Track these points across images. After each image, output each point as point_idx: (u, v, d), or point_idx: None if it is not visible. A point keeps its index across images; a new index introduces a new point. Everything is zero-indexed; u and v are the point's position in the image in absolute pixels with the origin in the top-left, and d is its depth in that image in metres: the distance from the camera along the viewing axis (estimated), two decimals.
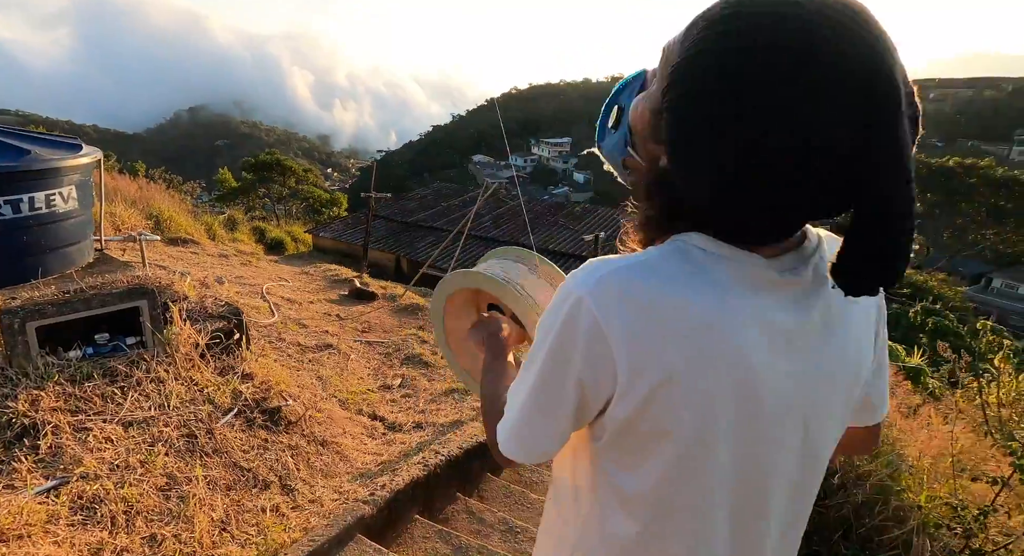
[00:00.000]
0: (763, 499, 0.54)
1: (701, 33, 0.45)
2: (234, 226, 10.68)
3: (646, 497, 0.53)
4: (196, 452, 1.96)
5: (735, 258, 0.50)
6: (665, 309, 0.48)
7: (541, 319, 0.55)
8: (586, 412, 0.53)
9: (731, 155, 0.44)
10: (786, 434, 0.52)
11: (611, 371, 0.49)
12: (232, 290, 5.12)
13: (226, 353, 2.40)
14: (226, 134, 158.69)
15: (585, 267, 0.53)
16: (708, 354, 0.48)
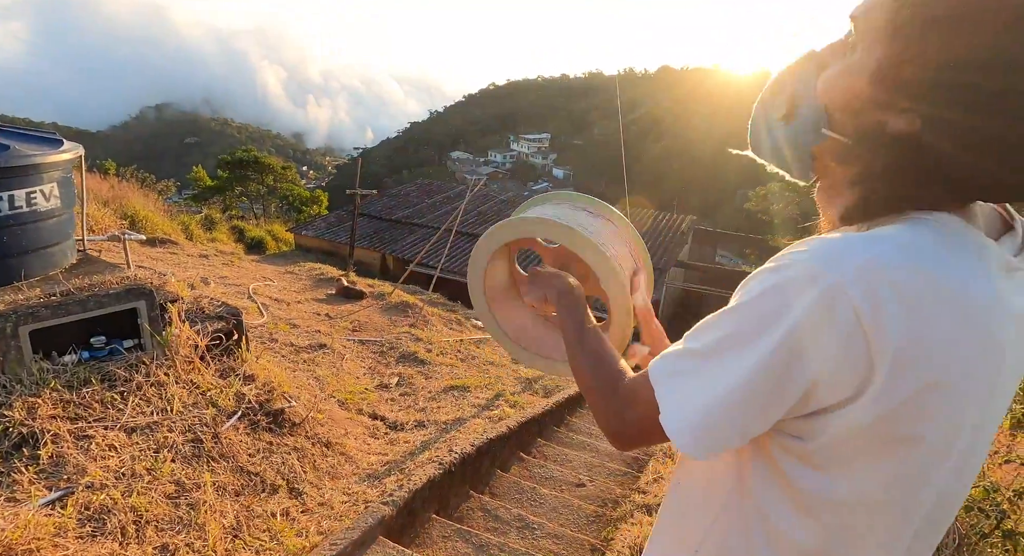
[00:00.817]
0: (957, 498, 0.52)
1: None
2: (212, 225, 10.40)
3: (846, 503, 0.48)
4: (203, 457, 1.89)
5: (985, 241, 0.45)
6: (944, 302, 0.41)
7: (744, 301, 0.46)
8: (800, 411, 0.46)
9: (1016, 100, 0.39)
10: (993, 429, 0.50)
11: (863, 372, 0.42)
12: (218, 290, 4.98)
13: (226, 355, 2.33)
14: (195, 132, 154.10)
15: (831, 243, 0.44)
16: (981, 352, 0.43)
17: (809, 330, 0.42)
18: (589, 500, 2.36)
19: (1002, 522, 1.15)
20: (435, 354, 4.60)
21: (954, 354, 0.42)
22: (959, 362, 0.42)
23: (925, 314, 0.41)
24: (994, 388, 0.45)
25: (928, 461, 0.45)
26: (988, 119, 0.40)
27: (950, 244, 0.44)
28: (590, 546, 1.92)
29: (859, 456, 0.46)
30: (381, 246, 12.41)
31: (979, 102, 0.40)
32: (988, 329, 0.42)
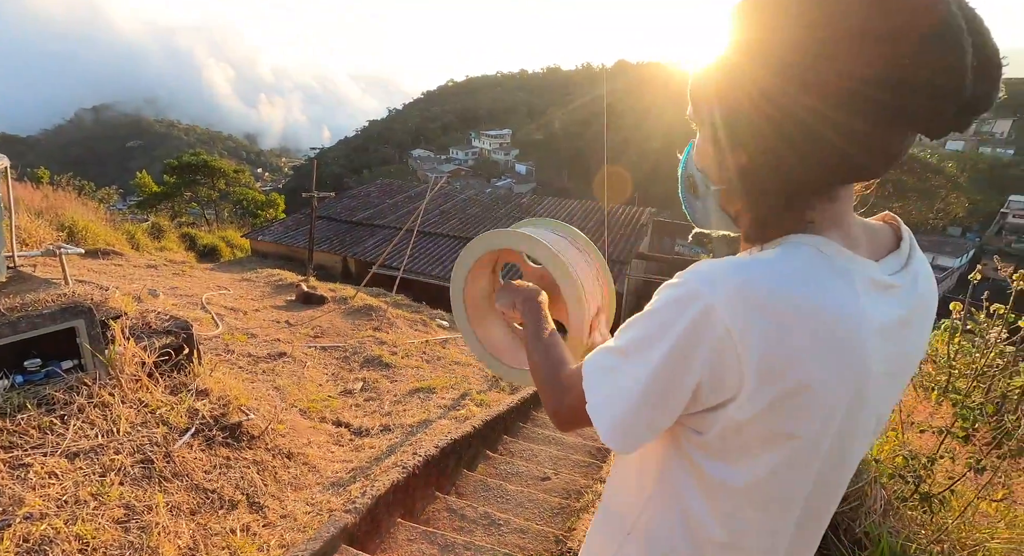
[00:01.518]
0: (836, 488, 0.58)
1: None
2: (160, 234, 9.94)
3: (741, 489, 0.54)
4: (154, 478, 1.83)
5: (855, 263, 0.52)
6: (805, 320, 0.47)
7: (649, 312, 0.54)
8: (692, 409, 0.54)
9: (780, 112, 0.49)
10: (868, 428, 0.56)
11: (736, 378, 0.49)
12: (168, 303, 4.78)
13: (177, 370, 2.25)
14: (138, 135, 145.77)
15: (710, 268, 0.51)
16: (840, 363, 0.49)
17: (691, 341, 0.50)
18: (554, 493, 2.41)
19: (919, 486, 1.26)
20: (400, 356, 4.56)
21: (812, 363, 0.48)
22: (817, 370, 0.48)
23: (785, 330, 0.47)
24: (862, 390, 0.51)
25: (804, 455, 0.52)
26: (777, 141, 0.50)
27: (815, 266, 0.50)
28: (554, 537, 1.96)
29: (748, 448, 0.53)
30: (342, 249, 12.15)
31: (767, 130, 0.50)
32: (844, 340, 0.49)
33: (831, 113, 0.46)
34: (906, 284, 0.55)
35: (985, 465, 1.26)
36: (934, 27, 0.42)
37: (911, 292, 0.55)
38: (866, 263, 0.53)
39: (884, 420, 0.59)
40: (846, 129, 0.47)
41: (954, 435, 1.37)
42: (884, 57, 0.43)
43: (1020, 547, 1.24)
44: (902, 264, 0.56)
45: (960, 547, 1.21)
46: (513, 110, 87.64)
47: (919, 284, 0.56)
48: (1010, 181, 46.07)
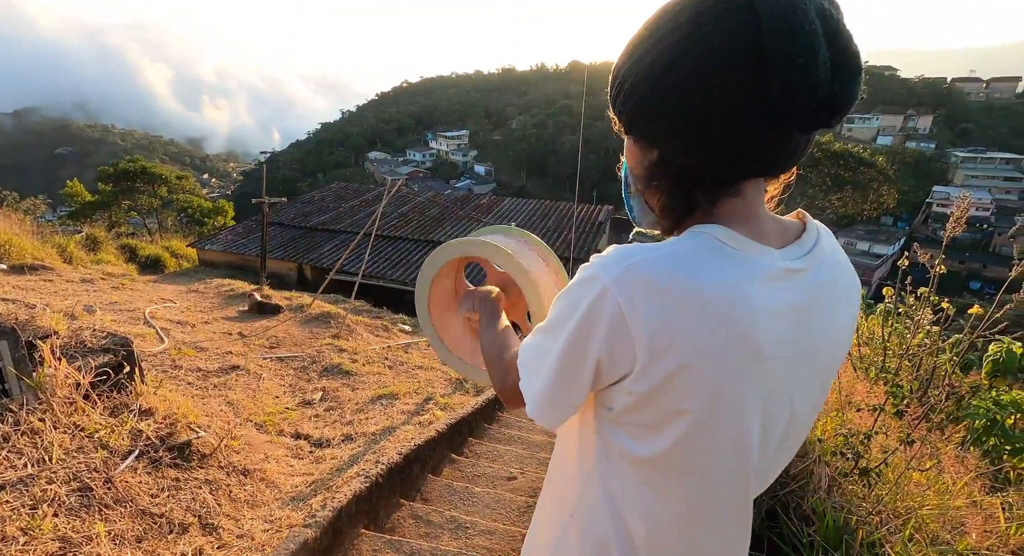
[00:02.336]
0: (769, 468, 0.62)
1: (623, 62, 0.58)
2: (96, 246, 9.35)
3: (655, 461, 0.58)
4: (93, 506, 1.71)
5: (752, 249, 0.56)
6: (689, 301, 0.51)
7: (561, 294, 0.58)
8: (599, 384, 0.58)
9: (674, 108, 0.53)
10: (783, 409, 0.59)
11: (630, 354, 0.53)
12: (106, 319, 4.49)
13: (117, 390, 2.12)
14: (68, 141, 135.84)
15: (611, 253, 0.56)
16: (725, 342, 0.52)
17: (589, 320, 0.54)
18: (520, 492, 2.42)
19: (859, 462, 1.34)
20: (361, 364, 4.46)
21: (697, 343, 0.51)
22: (703, 349, 0.52)
23: (671, 310, 0.51)
24: (749, 369, 0.54)
25: (701, 430, 0.55)
26: (675, 140, 0.55)
27: (707, 252, 0.54)
28: (522, 536, 1.97)
29: (649, 423, 0.57)
30: (297, 256, 11.77)
31: (667, 131, 0.55)
32: (725, 320, 0.52)
33: (710, 113, 0.51)
34: (807, 272, 0.58)
35: (914, 438, 1.36)
36: (781, 33, 0.47)
37: (812, 279, 0.58)
38: (763, 250, 0.56)
39: (808, 404, 0.62)
40: (726, 128, 0.52)
41: (887, 412, 1.47)
42: (742, 64, 0.49)
43: (946, 512, 1.34)
44: (804, 252, 0.59)
45: (894, 516, 1.30)
46: (470, 111, 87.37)
47: (822, 272, 0.59)
48: (934, 173, 49.80)
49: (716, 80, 0.50)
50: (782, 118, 0.50)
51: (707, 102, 0.51)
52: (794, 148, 0.54)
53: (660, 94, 0.53)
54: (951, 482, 1.59)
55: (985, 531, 1.32)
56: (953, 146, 54.57)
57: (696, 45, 0.50)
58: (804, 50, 0.47)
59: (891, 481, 1.37)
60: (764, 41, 0.47)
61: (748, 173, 0.57)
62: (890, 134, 56.90)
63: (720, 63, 0.49)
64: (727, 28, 0.49)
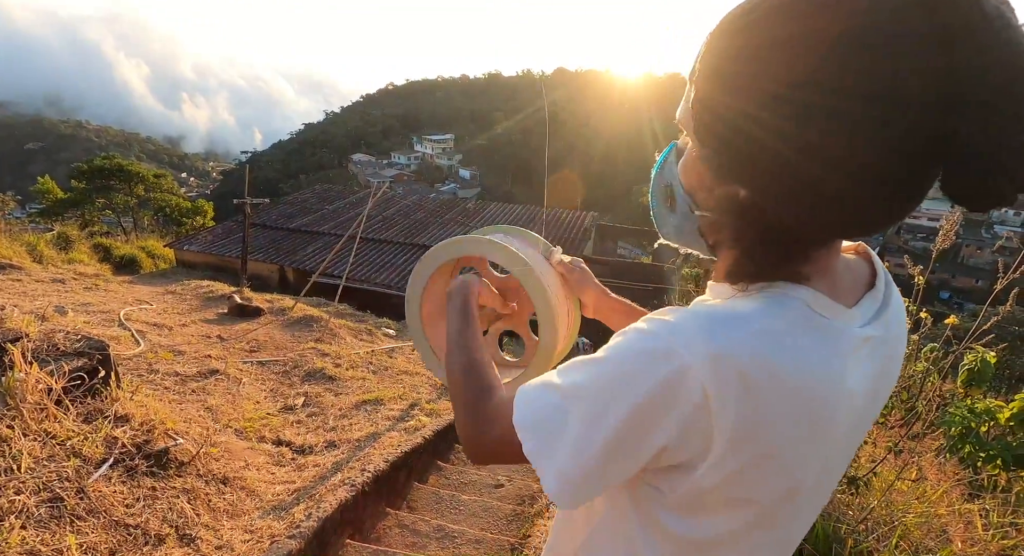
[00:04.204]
0: (801, 534, 0.58)
1: (708, 58, 0.45)
2: (68, 245, 9.05)
3: (704, 542, 0.52)
4: (64, 517, 1.64)
5: (841, 316, 0.48)
6: (787, 393, 0.44)
7: (611, 356, 0.48)
8: (653, 465, 0.49)
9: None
10: (834, 474, 0.56)
11: (705, 443, 0.45)
12: (79, 321, 4.34)
13: (91, 395, 2.04)
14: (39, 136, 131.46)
15: (688, 321, 0.46)
16: (812, 431, 0.46)
17: (660, 403, 0.45)
18: (508, 500, 2.40)
19: (846, 471, 1.37)
20: (345, 368, 4.38)
21: (785, 432, 0.46)
22: (789, 438, 0.46)
23: (763, 399, 0.44)
24: (830, 452, 0.50)
25: (764, 516, 0.51)
26: (792, 187, 0.43)
27: (802, 327, 0.46)
28: (509, 546, 1.95)
29: (706, 508, 0.50)
30: (279, 258, 11.58)
31: (783, 174, 0.43)
32: (821, 410, 0.46)
33: (863, 175, 0.39)
34: (881, 330, 0.51)
35: (901, 448, 1.39)
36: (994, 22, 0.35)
37: (884, 339, 0.52)
38: (848, 315, 0.49)
39: (849, 458, 0.59)
40: (874, 191, 0.40)
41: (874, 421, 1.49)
42: (935, 70, 0.36)
43: (930, 520, 1.37)
44: (877, 306, 0.52)
45: (881, 524, 1.32)
46: (456, 115, 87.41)
47: (892, 328, 0.53)
48: None
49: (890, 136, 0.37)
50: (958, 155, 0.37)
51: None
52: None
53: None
54: (932, 490, 1.62)
55: (967, 538, 1.35)
56: None
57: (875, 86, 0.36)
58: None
59: (879, 490, 1.39)
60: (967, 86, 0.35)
61: (867, 234, 0.46)
62: None
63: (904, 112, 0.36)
64: (921, 60, 0.36)
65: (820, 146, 0.39)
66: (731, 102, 0.43)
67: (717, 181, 0.49)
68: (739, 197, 0.47)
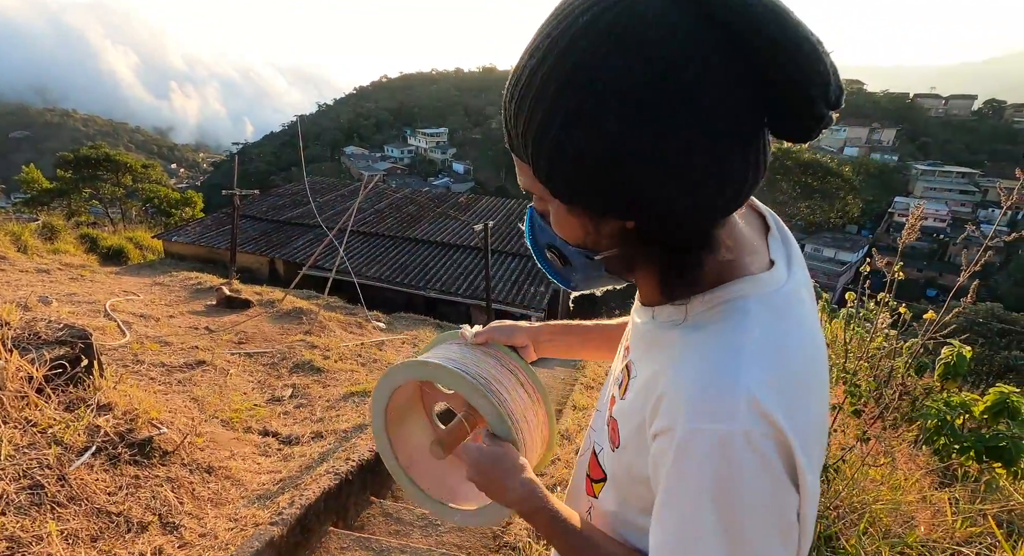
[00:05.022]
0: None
1: (524, 127, 0.45)
2: (54, 235, 8.93)
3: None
4: (45, 504, 1.64)
5: (781, 282, 0.51)
6: (809, 387, 0.47)
7: (690, 486, 0.44)
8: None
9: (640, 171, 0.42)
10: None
11: (797, 477, 0.44)
12: (63, 310, 4.30)
13: (74, 384, 2.03)
14: (24, 124, 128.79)
15: (703, 396, 0.44)
16: (823, 394, 0.50)
17: (761, 475, 0.42)
18: None
19: None
20: (333, 360, 4.38)
21: (820, 409, 0.48)
22: (821, 413, 0.49)
23: (800, 404, 0.45)
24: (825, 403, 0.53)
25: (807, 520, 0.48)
26: (667, 194, 0.43)
27: (785, 325, 0.48)
28: (492, 534, 1.97)
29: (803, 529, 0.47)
30: (269, 250, 11.49)
31: (651, 187, 0.43)
32: (822, 372, 0.50)
33: (713, 146, 0.41)
34: (800, 270, 0.54)
35: (869, 436, 1.42)
36: (801, 40, 0.40)
37: (806, 277, 0.55)
38: (781, 273, 0.51)
39: None
40: (732, 158, 0.42)
41: (846, 411, 1.53)
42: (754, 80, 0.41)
43: (898, 507, 1.41)
44: (782, 248, 0.55)
45: (850, 510, 1.36)
46: (450, 108, 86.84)
47: (800, 260, 0.55)
48: (895, 184, 51.94)
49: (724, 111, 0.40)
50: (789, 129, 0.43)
51: (715, 146, 0.41)
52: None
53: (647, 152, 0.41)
54: (903, 478, 1.66)
55: (933, 524, 1.39)
56: (913, 159, 57.06)
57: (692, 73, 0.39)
58: (823, 57, 0.41)
59: (848, 477, 1.43)
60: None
61: (747, 198, 0.47)
62: (856, 145, 59.10)
63: (723, 86, 0.40)
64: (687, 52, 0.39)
65: (666, 151, 0.40)
66: (575, 161, 0.43)
67: (598, 222, 0.49)
68: (628, 227, 0.48)
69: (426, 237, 12.06)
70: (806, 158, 27.89)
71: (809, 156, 28.46)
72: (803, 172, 27.59)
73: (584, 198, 0.46)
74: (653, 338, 0.55)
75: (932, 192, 49.67)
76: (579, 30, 0.40)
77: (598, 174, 0.43)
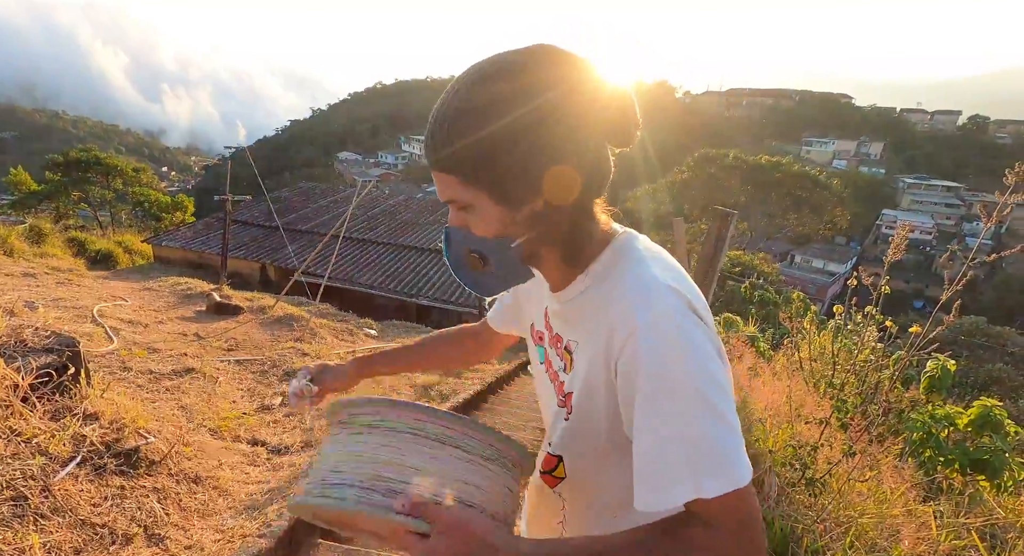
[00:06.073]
0: None
1: (452, 138, 0.60)
2: (41, 238, 8.82)
3: None
4: (28, 516, 1.61)
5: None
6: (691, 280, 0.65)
7: (677, 345, 0.55)
8: None
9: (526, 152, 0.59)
10: None
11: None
12: (50, 316, 4.23)
13: (60, 392, 2.00)
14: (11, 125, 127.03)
15: (649, 291, 0.58)
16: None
17: (703, 332, 0.58)
18: None
19: (805, 473, 1.42)
20: None
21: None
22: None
23: (694, 287, 0.64)
24: None
25: None
26: (564, 176, 0.60)
27: (653, 245, 0.69)
28: None
29: None
30: (260, 255, 11.42)
31: (557, 170, 0.59)
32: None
33: (590, 144, 0.61)
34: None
35: (855, 450, 1.44)
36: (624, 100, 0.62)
37: None
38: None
39: None
40: (597, 151, 0.62)
41: (833, 425, 1.55)
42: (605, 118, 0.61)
43: (884, 520, 1.43)
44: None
45: (837, 524, 1.37)
46: None
47: None
48: (883, 197, 52.76)
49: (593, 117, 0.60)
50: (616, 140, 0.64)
51: (588, 135, 0.60)
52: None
53: (544, 139, 0.58)
54: (889, 492, 1.68)
55: (918, 538, 1.41)
56: (901, 173, 58.04)
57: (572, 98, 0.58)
58: (633, 105, 0.64)
59: (835, 491, 1.45)
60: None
61: (607, 180, 0.65)
62: (845, 158, 60.02)
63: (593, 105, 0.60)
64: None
65: (563, 148, 0.59)
66: (504, 155, 0.58)
67: (515, 211, 0.61)
68: (539, 207, 0.61)
69: (419, 244, 12.05)
70: (796, 170, 28.27)
71: (799, 168, 28.85)
72: (793, 184, 27.94)
73: (511, 188, 0.59)
74: (577, 311, 0.67)
75: (918, 205, 50.52)
76: (478, 78, 0.61)
77: (522, 164, 0.58)
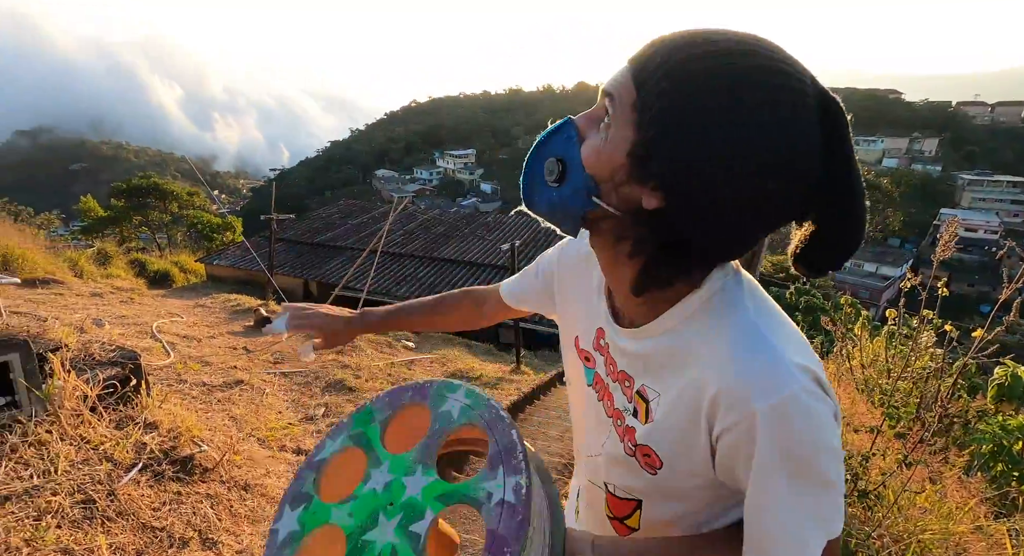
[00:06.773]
0: None
1: (677, 78, 0.44)
2: (107, 260, 9.48)
3: None
4: (96, 518, 1.72)
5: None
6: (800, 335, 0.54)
7: (800, 438, 0.47)
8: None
9: (737, 186, 0.44)
10: None
11: None
12: (114, 332, 4.54)
13: (123, 403, 2.14)
14: (82, 157, 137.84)
15: (770, 369, 0.48)
16: None
17: (829, 417, 0.49)
18: None
19: (857, 483, 1.34)
20: (364, 380, 4.47)
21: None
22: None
23: (806, 345, 0.54)
24: None
25: None
26: (727, 209, 0.46)
27: (758, 291, 0.56)
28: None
29: None
30: (303, 272, 11.87)
31: (721, 193, 0.45)
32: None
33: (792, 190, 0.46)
34: None
35: (912, 460, 1.36)
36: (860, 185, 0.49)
37: None
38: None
39: None
40: (775, 219, 0.48)
41: (885, 433, 1.47)
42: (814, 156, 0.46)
43: (949, 537, 1.33)
44: None
45: (894, 540, 1.29)
46: (477, 130, 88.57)
47: None
48: (940, 195, 49.74)
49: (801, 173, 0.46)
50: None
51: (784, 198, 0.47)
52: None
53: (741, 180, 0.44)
54: (954, 507, 1.57)
55: None
56: (959, 169, 54.63)
57: (789, 134, 0.44)
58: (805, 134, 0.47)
59: (891, 503, 1.36)
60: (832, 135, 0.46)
61: (737, 256, 0.54)
62: (895, 156, 57.09)
63: (805, 155, 0.45)
64: (811, 119, 0.45)
65: (751, 186, 0.45)
66: (695, 130, 0.44)
67: (633, 180, 0.48)
68: (648, 206, 0.48)
69: (454, 256, 12.23)
70: None
71: None
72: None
73: (663, 151, 0.45)
74: (661, 355, 0.56)
75: (981, 203, 47.33)
76: (744, 69, 0.44)
77: (696, 148, 0.44)
